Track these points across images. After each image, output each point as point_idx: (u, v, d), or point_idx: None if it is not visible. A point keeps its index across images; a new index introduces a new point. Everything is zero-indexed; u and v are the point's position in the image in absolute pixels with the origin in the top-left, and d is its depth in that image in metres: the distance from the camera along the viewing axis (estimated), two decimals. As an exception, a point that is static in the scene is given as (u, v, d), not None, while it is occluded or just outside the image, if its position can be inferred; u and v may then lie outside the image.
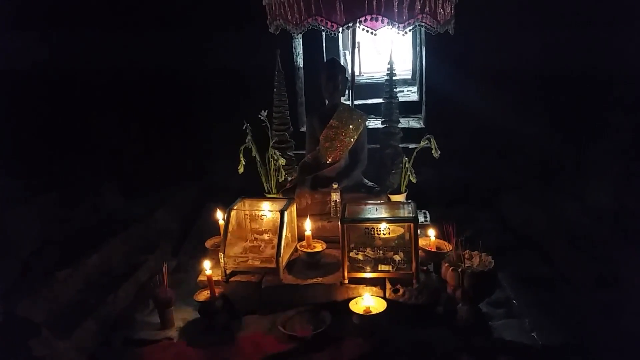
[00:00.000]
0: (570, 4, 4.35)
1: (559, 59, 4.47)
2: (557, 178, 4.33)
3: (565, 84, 4.48)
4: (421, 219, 3.69)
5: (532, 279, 3.40)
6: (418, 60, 6.38)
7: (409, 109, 6.05)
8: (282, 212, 3.05)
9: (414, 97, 6.56)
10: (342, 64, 6.77)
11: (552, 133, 4.51)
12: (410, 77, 8.09)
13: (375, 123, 4.87)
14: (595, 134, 4.26)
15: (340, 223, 2.94)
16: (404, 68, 9.39)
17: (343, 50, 7.89)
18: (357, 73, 8.91)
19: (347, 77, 3.63)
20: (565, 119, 4.48)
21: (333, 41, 7.05)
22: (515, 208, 4.33)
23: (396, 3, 2.89)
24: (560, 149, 4.44)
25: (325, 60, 5.18)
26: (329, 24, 3.03)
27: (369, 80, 7.68)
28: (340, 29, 3.07)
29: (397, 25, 2.97)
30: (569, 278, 3.36)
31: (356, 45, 9.33)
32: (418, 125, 5.40)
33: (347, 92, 3.76)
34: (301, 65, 5.31)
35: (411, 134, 4.60)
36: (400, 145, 3.98)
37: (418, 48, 6.33)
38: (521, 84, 4.58)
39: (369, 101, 6.00)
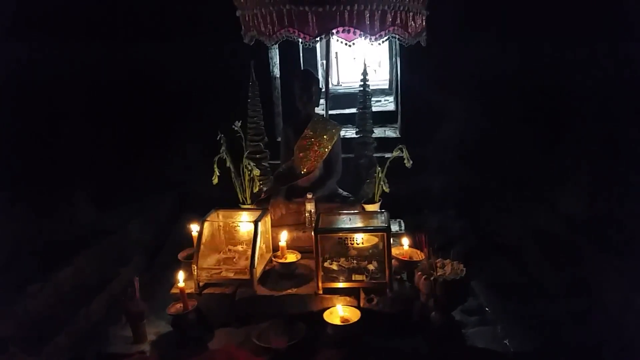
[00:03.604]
0: (543, 17, 4.45)
1: (532, 69, 4.57)
2: (530, 186, 4.39)
3: (537, 93, 4.58)
4: (396, 228, 3.72)
5: (506, 286, 3.44)
6: (394, 70, 6.44)
7: (385, 118, 6.11)
8: (255, 223, 3.04)
9: (391, 106, 6.62)
10: (321, 73, 6.85)
11: (525, 142, 4.59)
12: (387, 86, 8.16)
13: (351, 133, 4.89)
14: (567, 142, 4.34)
15: (314, 233, 2.95)
16: (382, 77, 9.50)
17: (321, 60, 7.94)
18: (335, 83, 8.99)
19: (321, 88, 3.65)
20: (538, 128, 4.56)
21: (311, 51, 7.10)
22: (489, 216, 4.38)
23: (367, 16, 2.94)
24: (533, 157, 4.51)
25: (306, 69, 5.23)
26: (302, 35, 3.05)
27: (347, 90, 7.71)
28: (317, 40, 3.08)
29: (369, 38, 3.01)
30: (542, 286, 3.41)
31: (332, 55, 9.41)
32: (394, 135, 5.46)
33: (321, 101, 3.78)
34: (278, 75, 5.32)
35: (387, 144, 4.62)
36: (375, 155, 4.01)
37: (394, 58, 6.39)
38: (495, 94, 4.65)
39: (346, 111, 6.04)
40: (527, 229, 3.98)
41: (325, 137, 3.50)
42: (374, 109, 6.70)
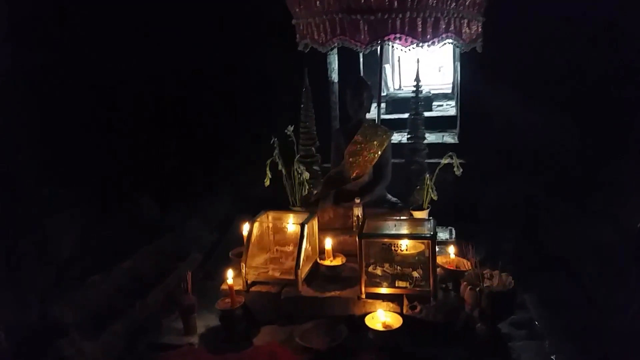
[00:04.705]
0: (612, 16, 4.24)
1: (598, 76, 4.37)
2: (592, 198, 4.20)
3: (602, 102, 4.37)
4: (446, 236, 3.68)
5: (559, 301, 3.33)
6: (456, 74, 6.35)
7: (446, 123, 6.04)
8: (302, 225, 3.11)
9: (453, 111, 6.53)
10: (382, 78, 6.83)
11: (588, 152, 4.40)
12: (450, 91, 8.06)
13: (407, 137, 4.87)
14: (633, 153, 4.13)
15: (358, 238, 2.98)
16: (448, 81, 9.37)
17: (383, 64, 7.93)
18: (396, 87, 8.94)
19: (372, 94, 3.68)
20: (602, 138, 4.36)
21: (372, 55, 7.10)
22: (547, 228, 4.23)
23: (420, 23, 2.92)
24: (596, 168, 4.32)
25: (358, 75, 5.26)
26: (354, 42, 3.09)
27: (407, 94, 7.65)
28: (370, 47, 3.10)
29: (421, 44, 3.01)
30: (597, 302, 3.27)
31: (395, 59, 9.30)
32: (452, 141, 5.38)
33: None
34: (336, 80, 5.38)
35: (444, 150, 4.57)
36: (430, 161, 3.97)
37: (455, 62, 6.30)
38: (557, 102, 4.49)
39: (404, 115, 6.00)
40: (587, 243, 3.82)
41: (375, 142, 3.52)
42: (435, 113, 6.74)
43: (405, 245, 3.06)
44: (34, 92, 3.93)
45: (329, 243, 3.25)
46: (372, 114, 4.01)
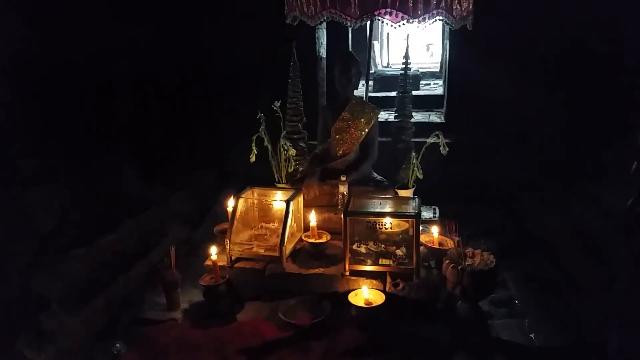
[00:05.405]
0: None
1: (587, 59, 4.37)
2: (575, 179, 4.24)
3: (591, 83, 4.38)
4: (430, 214, 3.70)
5: (539, 280, 3.38)
6: (444, 53, 6.31)
7: (433, 102, 6.02)
8: (287, 202, 3.10)
9: (440, 90, 6.51)
10: (371, 55, 6.77)
11: (574, 133, 4.42)
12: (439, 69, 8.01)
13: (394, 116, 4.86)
14: (616, 136, 4.15)
15: (343, 215, 2.98)
16: (437, 60, 9.31)
17: (372, 40, 7.85)
18: (384, 64, 8.89)
19: (360, 70, 3.64)
20: (589, 120, 4.38)
21: (361, 32, 7.03)
22: (530, 208, 4.28)
23: (411, -3, 2.89)
24: (580, 150, 4.35)
25: (347, 51, 5.20)
26: (344, 16, 3.04)
27: (395, 72, 7.61)
28: (360, 21, 3.06)
29: (412, 20, 2.98)
30: (577, 282, 3.32)
31: (384, 36, 9.21)
32: (438, 120, 5.38)
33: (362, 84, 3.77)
34: (324, 56, 5.32)
35: (431, 129, 4.57)
36: (416, 140, 3.98)
37: (445, 41, 6.25)
38: (545, 82, 4.50)
39: (392, 93, 5.97)
40: (568, 224, 3.86)
41: (362, 120, 3.51)
42: (422, 92, 6.71)
43: (390, 224, 3.07)
44: (16, 64, 3.83)
45: (314, 220, 3.25)
46: (360, 91, 3.98)
